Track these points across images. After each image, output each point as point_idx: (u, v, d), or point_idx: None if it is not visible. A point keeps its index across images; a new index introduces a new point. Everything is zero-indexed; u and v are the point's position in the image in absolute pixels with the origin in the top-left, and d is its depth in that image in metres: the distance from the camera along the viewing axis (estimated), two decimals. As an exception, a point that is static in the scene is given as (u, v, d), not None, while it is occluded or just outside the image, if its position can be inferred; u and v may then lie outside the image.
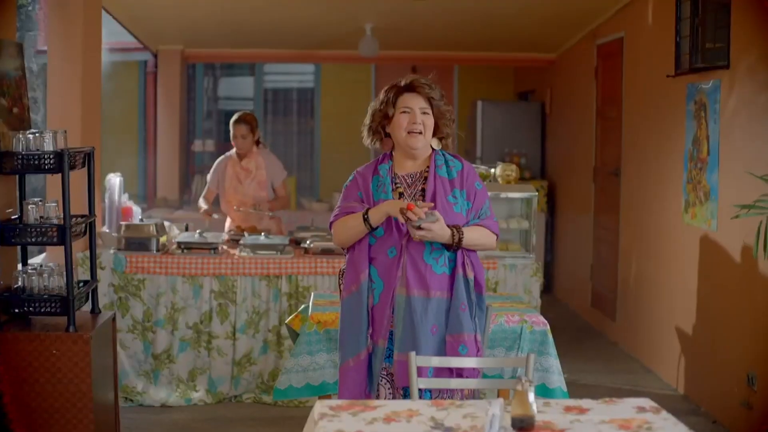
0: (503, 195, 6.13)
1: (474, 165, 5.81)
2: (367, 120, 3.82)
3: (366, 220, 3.61)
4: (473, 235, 3.65)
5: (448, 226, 3.56)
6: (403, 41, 9.93)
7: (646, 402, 3.04)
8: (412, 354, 3.37)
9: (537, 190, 6.34)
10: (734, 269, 5.61)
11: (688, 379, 6.29)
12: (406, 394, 3.61)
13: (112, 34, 8.64)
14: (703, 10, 5.99)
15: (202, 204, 6.91)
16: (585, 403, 3.03)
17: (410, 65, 11.42)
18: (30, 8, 8.90)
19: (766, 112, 5.30)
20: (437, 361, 3.49)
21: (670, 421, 2.86)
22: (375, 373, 3.66)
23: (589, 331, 8.36)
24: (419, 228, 3.49)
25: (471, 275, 3.67)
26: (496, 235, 3.76)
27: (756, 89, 5.41)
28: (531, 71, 11.42)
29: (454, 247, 3.60)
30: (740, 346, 5.55)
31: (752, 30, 5.44)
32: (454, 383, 3.50)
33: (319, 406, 2.94)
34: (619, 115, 7.88)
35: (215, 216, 6.85)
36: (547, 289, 10.07)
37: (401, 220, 3.54)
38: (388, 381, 3.70)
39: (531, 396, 2.73)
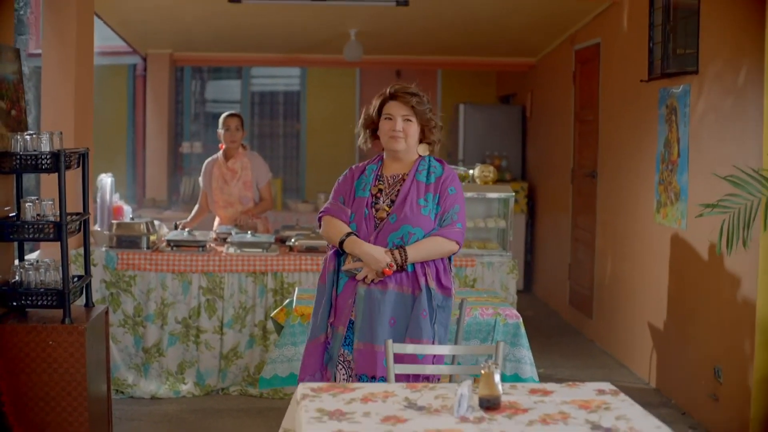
0: (481, 195, 6.30)
1: (454, 167, 6.02)
2: (360, 122, 4.09)
3: (341, 242, 3.89)
4: (421, 253, 3.83)
5: (391, 250, 3.81)
6: (387, 46, 10.05)
7: (606, 386, 3.24)
8: (389, 341, 3.58)
9: (517, 191, 6.50)
10: (702, 266, 5.79)
11: (660, 373, 6.47)
12: (362, 381, 3.84)
13: (102, 38, 8.76)
14: (674, 17, 6.15)
15: (192, 213, 7.13)
16: (549, 386, 3.22)
17: (394, 69, 11.57)
18: (21, 12, 9.00)
19: (731, 115, 5.48)
20: (412, 348, 3.69)
21: (627, 402, 3.06)
22: (334, 357, 3.92)
23: (568, 328, 8.52)
24: (358, 276, 3.88)
25: (433, 284, 3.85)
26: (456, 241, 3.88)
27: (722, 93, 5.59)
28: (512, 75, 11.55)
29: (399, 268, 3.82)
30: (708, 340, 5.72)
31: (719, 37, 5.63)
32: (423, 369, 3.74)
33: (302, 388, 3.14)
34: (595, 119, 8.05)
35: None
36: (527, 288, 10.26)
37: (348, 274, 3.92)
38: (344, 367, 3.93)
39: (497, 377, 2.94)
